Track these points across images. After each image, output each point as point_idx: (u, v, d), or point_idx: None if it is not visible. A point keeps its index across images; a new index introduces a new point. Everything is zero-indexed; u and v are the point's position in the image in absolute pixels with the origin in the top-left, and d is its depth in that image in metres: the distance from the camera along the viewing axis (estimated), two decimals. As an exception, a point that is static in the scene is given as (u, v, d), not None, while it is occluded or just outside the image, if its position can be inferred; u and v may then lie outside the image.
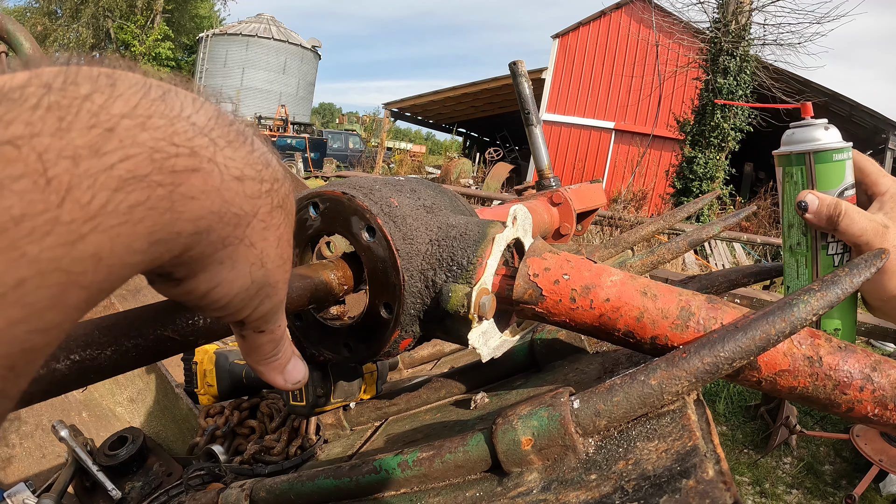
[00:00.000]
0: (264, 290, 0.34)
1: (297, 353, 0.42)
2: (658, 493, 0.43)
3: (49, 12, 27.77)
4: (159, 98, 0.25)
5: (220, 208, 0.27)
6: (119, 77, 0.24)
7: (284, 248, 0.34)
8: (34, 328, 0.20)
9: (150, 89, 0.25)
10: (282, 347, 0.40)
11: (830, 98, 14.26)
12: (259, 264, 0.32)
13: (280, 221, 0.33)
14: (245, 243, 0.30)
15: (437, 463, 0.57)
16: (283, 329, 0.39)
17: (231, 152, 0.28)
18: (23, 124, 0.20)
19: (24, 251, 0.19)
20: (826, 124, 0.72)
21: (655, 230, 1.46)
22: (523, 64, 1.57)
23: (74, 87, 0.22)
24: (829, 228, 0.69)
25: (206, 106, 0.28)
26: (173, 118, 0.25)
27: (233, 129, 0.29)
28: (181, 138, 0.25)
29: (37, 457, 1.48)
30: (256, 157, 0.30)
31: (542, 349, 0.86)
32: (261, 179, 0.30)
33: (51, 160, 0.20)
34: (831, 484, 3.69)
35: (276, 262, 0.34)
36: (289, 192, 0.34)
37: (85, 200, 0.21)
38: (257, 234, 0.31)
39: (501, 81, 19.11)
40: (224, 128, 0.28)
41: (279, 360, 0.40)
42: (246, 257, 0.31)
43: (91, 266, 0.22)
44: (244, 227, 0.30)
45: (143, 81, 0.25)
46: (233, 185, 0.28)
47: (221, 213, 0.28)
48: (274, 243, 0.33)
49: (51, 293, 0.21)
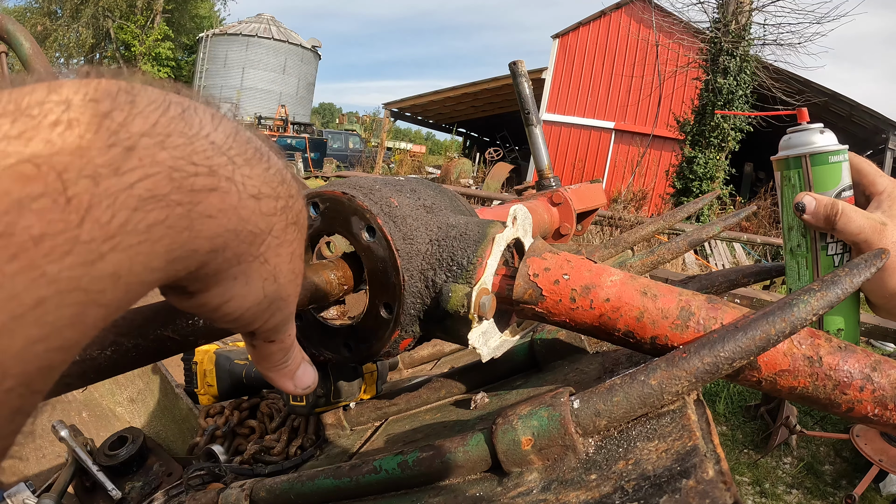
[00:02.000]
0: (276, 303, 0.34)
1: (307, 358, 0.42)
2: (658, 493, 0.43)
3: (49, 12, 27.75)
4: (178, 116, 0.25)
5: (236, 226, 0.27)
6: (138, 93, 0.24)
7: (297, 263, 0.35)
8: (53, 347, 0.20)
9: (169, 106, 0.25)
10: (291, 354, 0.40)
11: (830, 98, 14.25)
12: (272, 279, 0.32)
13: (294, 237, 0.33)
14: (259, 260, 0.31)
15: (437, 463, 0.57)
16: (292, 338, 0.40)
17: (249, 170, 0.28)
18: (42, 142, 0.20)
19: (44, 270, 0.19)
20: (822, 128, 0.73)
21: (655, 230, 1.46)
22: (523, 64, 1.57)
23: (94, 104, 0.22)
24: (827, 228, 0.69)
25: (224, 123, 0.28)
26: (192, 136, 0.25)
27: (250, 146, 0.29)
28: (200, 157, 0.25)
29: (37, 457, 1.48)
30: (273, 174, 0.30)
31: (542, 349, 0.86)
32: (276, 196, 0.30)
33: (71, 179, 0.20)
34: (831, 484, 3.69)
35: (288, 276, 0.34)
36: (302, 207, 0.34)
37: (105, 220, 0.21)
38: (271, 250, 0.31)
39: (501, 81, 19.10)
40: (242, 146, 0.28)
41: (289, 367, 0.41)
42: (259, 273, 0.31)
43: (110, 285, 0.22)
44: (259, 245, 0.30)
45: (163, 98, 0.25)
46: (249, 204, 0.28)
47: (238, 231, 0.28)
48: (287, 259, 0.33)
49: (70, 312, 0.20)
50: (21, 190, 0.19)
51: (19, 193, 0.19)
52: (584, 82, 18.36)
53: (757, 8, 12.29)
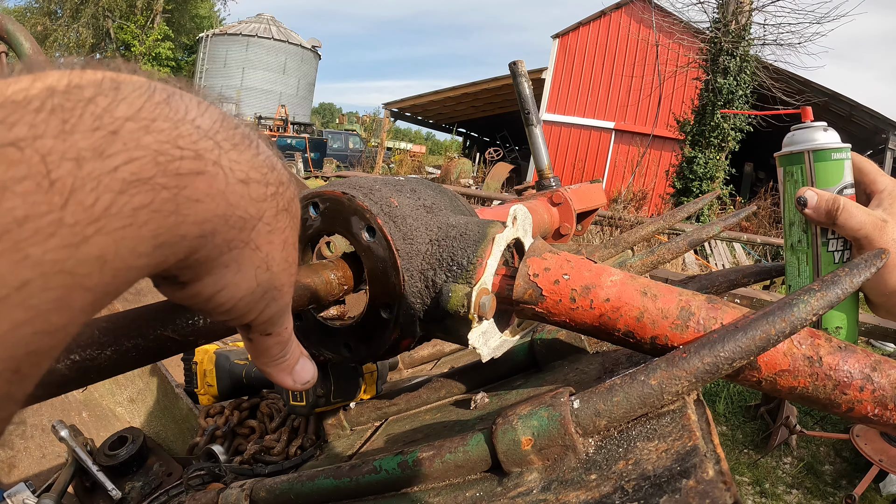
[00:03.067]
0: (270, 293, 0.34)
1: (305, 353, 0.42)
2: (658, 493, 0.43)
3: (49, 12, 27.76)
4: (163, 101, 0.25)
5: (225, 211, 0.27)
6: (123, 80, 0.24)
7: (290, 252, 0.34)
8: (39, 330, 0.20)
9: (154, 92, 0.25)
10: (290, 349, 0.40)
11: (830, 98, 14.25)
12: (265, 267, 0.32)
13: (286, 225, 0.33)
14: (250, 246, 0.30)
15: (437, 463, 0.57)
16: (289, 331, 0.39)
17: (236, 155, 0.28)
18: (26, 126, 0.20)
19: (28, 253, 0.19)
20: (825, 126, 0.75)
21: (655, 230, 1.46)
22: (523, 64, 1.57)
23: (78, 90, 0.22)
24: (828, 223, 0.70)
25: (210, 109, 0.28)
26: (178, 121, 0.25)
27: (237, 132, 0.29)
28: (186, 141, 0.25)
29: (37, 457, 1.48)
30: (262, 160, 0.30)
31: (542, 349, 0.86)
32: (266, 182, 0.30)
33: (54, 162, 0.20)
34: (831, 484, 3.69)
35: (281, 265, 0.33)
36: (294, 195, 0.34)
37: (89, 203, 0.21)
38: (263, 237, 0.31)
39: (501, 81, 19.10)
40: (229, 131, 0.28)
41: (287, 361, 0.40)
42: (251, 260, 0.31)
43: (96, 268, 0.22)
44: (249, 231, 0.30)
45: (148, 85, 0.25)
46: (238, 189, 0.28)
47: (227, 217, 0.28)
48: (279, 246, 0.33)
49: (56, 295, 0.21)
50: (4, 173, 0.19)
51: (2, 176, 0.19)
52: (584, 82, 18.36)
53: (757, 8, 12.29)
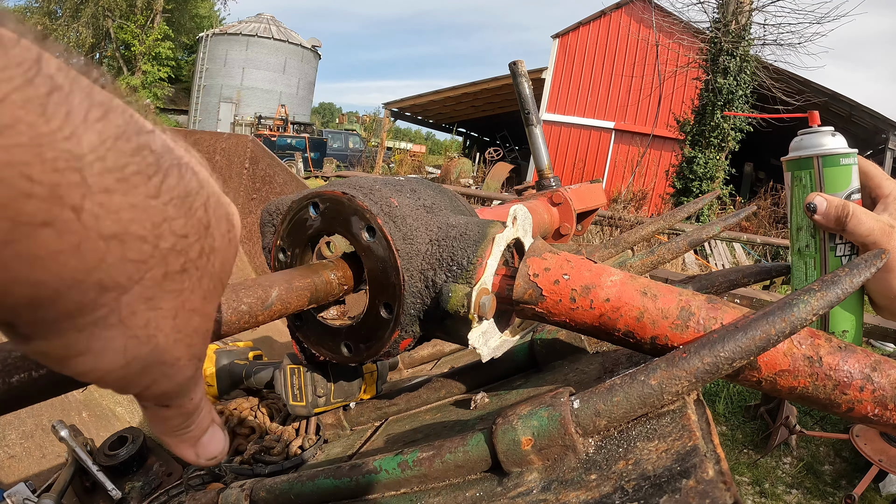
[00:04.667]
0: (154, 368, 0.26)
1: (218, 420, 0.34)
2: (658, 493, 0.43)
3: (49, 12, 27.77)
4: (40, 96, 0.18)
5: (74, 275, 0.21)
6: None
7: (190, 320, 0.27)
8: None
9: (34, 78, 0.17)
10: (196, 419, 0.32)
11: (830, 98, 14.25)
12: (141, 339, 0.25)
13: (188, 286, 0.25)
14: (116, 315, 0.23)
15: (437, 463, 0.57)
16: (195, 402, 0.31)
17: (116, 198, 0.20)
18: None
19: None
20: (833, 131, 0.74)
21: (655, 230, 1.46)
22: (523, 64, 1.57)
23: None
24: (838, 229, 0.70)
25: (110, 118, 0.20)
26: (45, 135, 0.18)
27: (140, 157, 0.21)
28: (43, 169, 0.18)
29: (37, 457, 1.48)
30: (161, 203, 0.22)
31: (542, 349, 0.86)
32: (158, 235, 0.23)
33: None
34: (831, 484, 3.69)
35: (173, 336, 0.26)
36: (224, 245, 0.27)
37: None
38: (139, 304, 0.24)
39: (501, 81, 19.10)
40: (124, 156, 0.20)
41: (191, 433, 0.32)
42: (118, 331, 0.24)
43: None
44: (117, 296, 0.23)
45: (32, 63, 0.18)
46: (100, 247, 0.21)
47: (77, 281, 0.21)
48: (170, 314, 0.25)
49: None
50: None
51: None
52: (584, 82, 18.36)
53: (757, 8, 12.29)
